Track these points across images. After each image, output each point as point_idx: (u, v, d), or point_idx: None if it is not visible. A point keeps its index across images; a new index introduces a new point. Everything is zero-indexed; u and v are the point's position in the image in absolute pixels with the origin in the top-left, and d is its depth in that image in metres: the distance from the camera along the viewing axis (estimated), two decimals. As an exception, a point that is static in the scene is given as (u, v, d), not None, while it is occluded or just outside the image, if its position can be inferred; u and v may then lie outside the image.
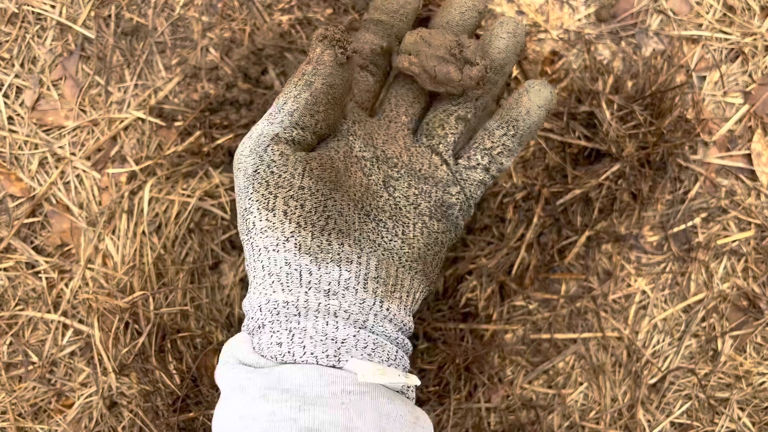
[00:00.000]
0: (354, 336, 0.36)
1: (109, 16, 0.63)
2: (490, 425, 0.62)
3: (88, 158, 0.62)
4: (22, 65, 0.63)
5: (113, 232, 0.61)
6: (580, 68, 0.65)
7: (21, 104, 0.63)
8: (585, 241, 0.62)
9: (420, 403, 0.59)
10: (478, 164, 0.45)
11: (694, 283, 0.65)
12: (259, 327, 0.37)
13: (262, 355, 0.36)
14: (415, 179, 0.44)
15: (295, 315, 0.36)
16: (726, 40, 0.66)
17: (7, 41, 0.63)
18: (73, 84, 0.63)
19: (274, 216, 0.37)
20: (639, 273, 0.65)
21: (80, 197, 0.62)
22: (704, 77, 0.66)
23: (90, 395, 0.61)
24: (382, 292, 0.38)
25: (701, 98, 0.66)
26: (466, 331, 0.62)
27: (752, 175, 0.66)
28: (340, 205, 0.40)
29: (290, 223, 0.37)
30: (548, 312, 0.64)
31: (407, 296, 0.40)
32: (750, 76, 0.67)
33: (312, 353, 0.35)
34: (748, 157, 0.66)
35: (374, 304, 0.38)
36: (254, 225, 0.37)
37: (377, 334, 0.38)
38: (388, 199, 0.43)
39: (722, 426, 0.65)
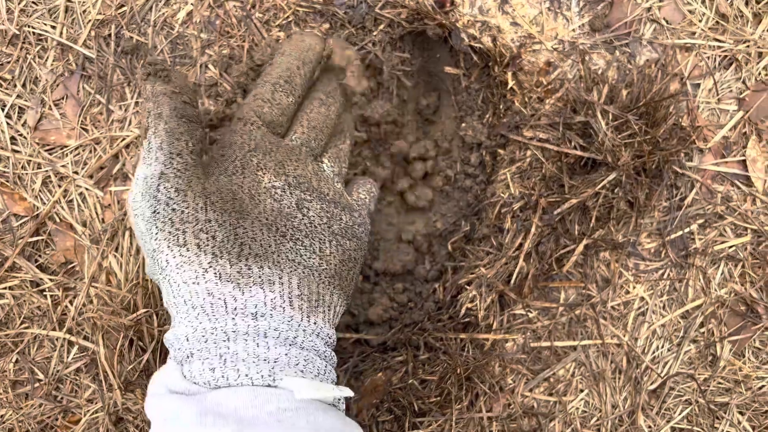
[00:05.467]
0: (286, 354, 0.37)
1: (109, 35, 0.64)
2: (492, 434, 0.62)
3: (91, 176, 0.63)
4: (23, 86, 0.64)
5: (116, 250, 0.62)
6: (575, 78, 0.65)
7: (23, 124, 0.64)
8: (583, 249, 0.63)
9: (421, 413, 0.60)
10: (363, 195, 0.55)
11: (692, 289, 0.66)
12: (187, 357, 0.37)
13: (194, 382, 0.36)
14: (325, 203, 0.48)
15: (224, 340, 0.37)
16: (719, 47, 0.67)
17: (8, 62, 0.64)
18: (74, 103, 0.64)
19: (188, 251, 0.38)
20: (637, 280, 0.66)
21: (83, 215, 0.63)
22: (698, 85, 0.67)
23: (96, 411, 0.62)
24: (307, 307, 0.40)
25: (696, 105, 0.67)
26: (467, 340, 0.62)
27: (748, 181, 0.66)
28: (252, 232, 0.41)
29: (205, 254, 0.38)
30: (548, 320, 0.65)
31: (329, 310, 0.42)
32: (744, 82, 0.67)
33: (247, 375, 0.35)
34: (743, 163, 0.67)
35: (302, 320, 0.39)
36: (168, 263, 0.38)
37: (307, 350, 0.39)
38: (303, 219, 0.45)
39: (723, 431, 0.65)
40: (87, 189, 0.63)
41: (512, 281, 0.62)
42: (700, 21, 0.67)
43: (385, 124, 0.65)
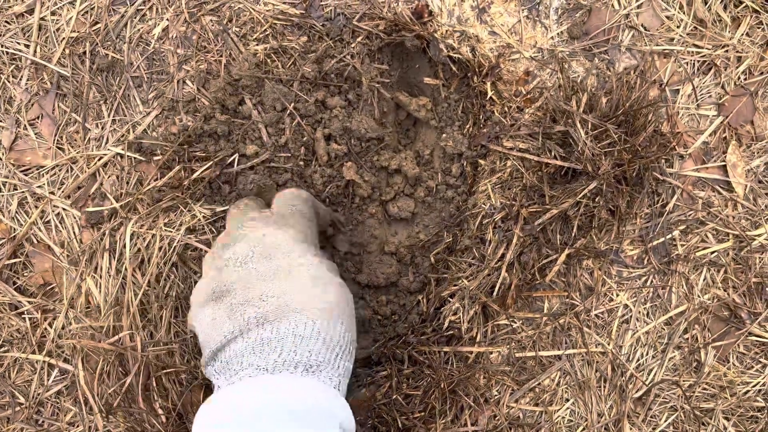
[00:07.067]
0: None
1: (84, 53, 0.63)
2: (478, 446, 0.62)
3: (68, 197, 0.63)
4: (-2, 106, 0.63)
5: (95, 271, 0.61)
6: (554, 87, 0.65)
7: (-2, 145, 0.63)
8: (565, 258, 0.63)
9: (406, 430, 0.59)
10: None
11: (675, 296, 0.66)
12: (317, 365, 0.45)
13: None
14: None
15: None
16: (698, 53, 0.67)
17: (-18, 82, 0.63)
18: (50, 122, 0.63)
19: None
20: (620, 287, 0.66)
21: (61, 236, 0.62)
22: (677, 90, 0.67)
23: (78, 434, 0.61)
24: None
25: (675, 111, 0.67)
26: (451, 353, 0.62)
27: (728, 186, 0.67)
28: None
29: None
30: (532, 330, 0.64)
31: None
32: (723, 87, 0.67)
33: None
34: (724, 169, 0.67)
35: None
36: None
37: None
38: None
39: (708, 436, 0.66)
40: (64, 209, 0.62)
41: (495, 292, 0.62)
42: (678, 27, 0.67)
43: (366, 141, 0.65)
